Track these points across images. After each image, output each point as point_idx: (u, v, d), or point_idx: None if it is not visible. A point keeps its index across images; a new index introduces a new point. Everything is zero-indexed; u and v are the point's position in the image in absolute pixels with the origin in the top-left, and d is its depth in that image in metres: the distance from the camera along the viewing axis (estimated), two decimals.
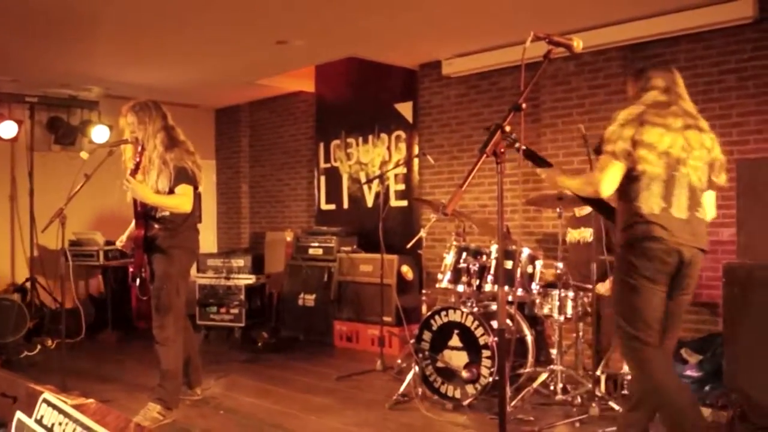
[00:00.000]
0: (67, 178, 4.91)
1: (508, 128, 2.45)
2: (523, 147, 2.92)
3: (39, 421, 2.39)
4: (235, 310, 7.46)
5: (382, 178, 6.99)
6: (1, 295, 7.12)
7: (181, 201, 4.37)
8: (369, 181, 7.66)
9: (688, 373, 4.63)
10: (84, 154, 4.88)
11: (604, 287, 4.87)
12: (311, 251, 7.51)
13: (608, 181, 3.23)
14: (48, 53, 6.60)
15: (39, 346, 6.81)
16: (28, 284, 7.53)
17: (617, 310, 3.37)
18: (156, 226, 4.45)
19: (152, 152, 4.37)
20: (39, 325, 7.13)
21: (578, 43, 2.66)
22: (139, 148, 4.35)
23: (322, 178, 8.40)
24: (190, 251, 4.61)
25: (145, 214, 4.45)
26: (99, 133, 8.12)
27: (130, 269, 4.61)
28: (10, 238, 8.01)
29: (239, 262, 7.63)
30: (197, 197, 4.54)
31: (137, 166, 4.35)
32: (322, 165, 8.38)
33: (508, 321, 4.81)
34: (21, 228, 7.91)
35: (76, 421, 2.27)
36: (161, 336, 4.44)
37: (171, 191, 4.35)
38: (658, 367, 3.25)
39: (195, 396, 4.85)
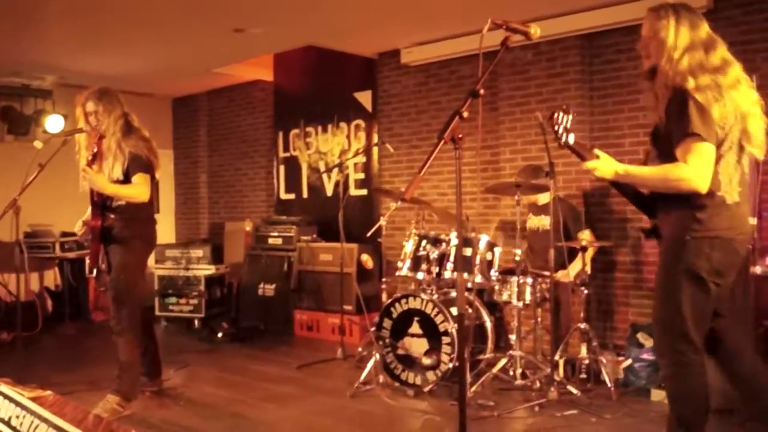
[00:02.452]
0: (20, 168, 4.79)
1: (465, 114, 2.46)
2: (568, 140, 2.88)
3: None
4: (194, 301, 7.40)
5: (341, 167, 6.98)
6: None
7: (138, 190, 4.30)
8: (328, 170, 7.64)
9: (644, 356, 4.72)
10: (38, 144, 4.77)
11: (563, 274, 4.94)
12: (271, 241, 7.47)
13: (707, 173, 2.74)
14: (1, 41, 6.42)
15: None
16: None
17: (672, 311, 2.85)
18: (112, 216, 4.37)
19: (110, 139, 4.30)
20: None
21: (535, 30, 2.68)
22: (98, 137, 4.28)
23: (282, 168, 8.35)
24: (146, 241, 4.55)
25: (101, 204, 4.37)
26: (53, 123, 7.94)
27: (88, 261, 4.52)
28: None
29: (198, 252, 7.56)
30: (154, 186, 4.49)
31: (95, 155, 4.28)
32: (282, 154, 8.33)
33: (468, 307, 4.86)
34: None
35: (33, 413, 2.23)
36: (118, 327, 4.38)
37: (126, 179, 4.28)
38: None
39: (155, 387, 4.79)
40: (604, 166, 2.94)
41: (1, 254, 7.41)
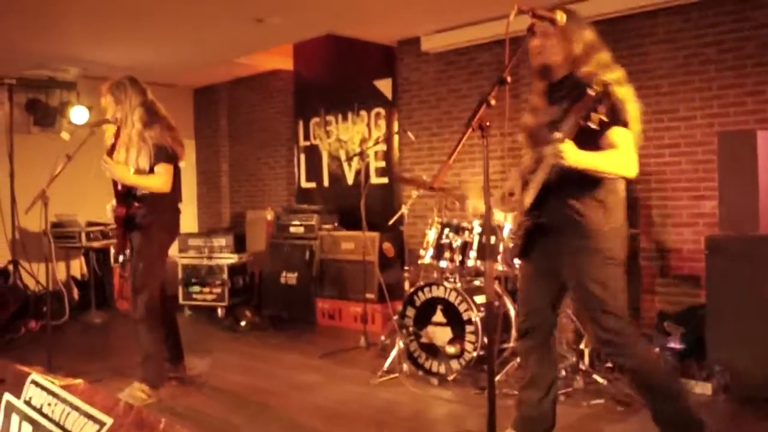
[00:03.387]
0: (47, 159, 4.85)
1: (493, 102, 2.43)
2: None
3: (28, 402, 2.38)
4: (217, 290, 7.44)
5: (362, 155, 6.96)
6: None
7: (160, 181, 4.33)
8: (349, 159, 7.63)
9: (671, 345, 4.68)
10: (65, 135, 4.84)
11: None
12: (292, 229, 7.48)
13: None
14: (24, 34, 6.47)
15: (23, 329, 6.75)
16: (10, 267, 7.44)
17: (613, 299, 3.05)
18: (136, 204, 4.40)
19: (131, 130, 4.32)
20: (22, 307, 7.04)
21: (561, 16, 2.65)
22: (116, 128, 4.30)
23: (302, 156, 8.35)
24: (168, 230, 4.57)
25: (126, 193, 4.40)
26: (78, 114, 8.02)
27: (113, 249, 4.57)
28: None
29: (221, 241, 7.60)
30: (177, 175, 4.50)
31: (113, 146, 4.31)
32: (302, 143, 8.33)
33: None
34: (2, 210, 7.79)
35: (64, 401, 2.25)
36: (136, 314, 4.42)
37: (151, 170, 4.31)
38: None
39: (178, 374, 4.83)
40: (567, 147, 2.84)
41: (29, 244, 7.52)
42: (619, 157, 2.88)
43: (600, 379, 4.47)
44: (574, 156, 2.77)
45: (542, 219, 3.06)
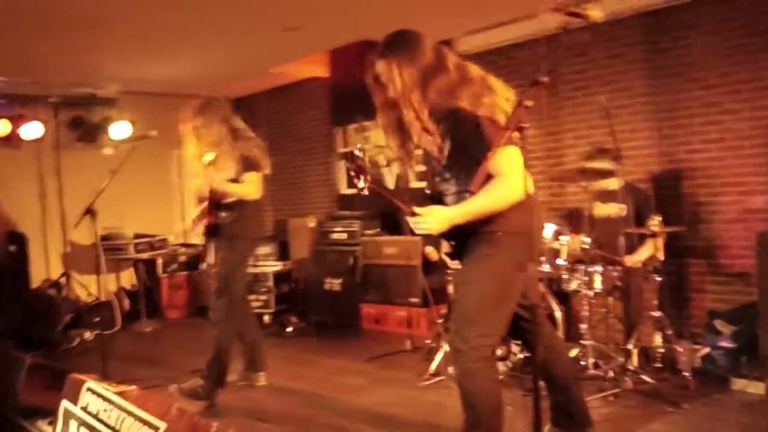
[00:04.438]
0: (92, 174, 4.98)
1: (530, 103, 2.41)
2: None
3: (84, 409, 2.45)
4: (263, 297, 7.52)
5: (403, 159, 6.95)
6: (37, 291, 7.24)
7: (249, 188, 4.55)
8: (389, 164, 7.64)
9: (722, 344, 4.58)
10: (108, 150, 4.98)
11: (631, 260, 4.83)
12: (335, 236, 7.52)
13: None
14: (65, 53, 6.68)
15: (77, 339, 6.92)
16: (63, 279, 7.63)
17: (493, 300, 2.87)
18: (223, 213, 4.58)
19: (220, 147, 4.51)
20: (76, 318, 7.23)
21: (597, 13, 2.59)
22: (211, 158, 4.51)
23: (341, 163, 8.38)
24: (252, 238, 4.74)
25: (215, 202, 4.59)
26: (119, 129, 8.20)
27: (160, 260, 4.73)
28: (42, 235, 8.13)
29: (265, 249, 7.68)
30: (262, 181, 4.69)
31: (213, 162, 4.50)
32: (341, 149, 8.37)
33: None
34: (52, 225, 8.02)
35: (119, 407, 2.31)
36: (216, 317, 4.59)
37: (237, 180, 4.50)
38: None
39: (259, 382, 4.92)
40: (433, 219, 2.74)
41: (80, 257, 7.72)
42: (497, 190, 2.75)
43: (648, 379, 4.39)
44: (439, 224, 2.71)
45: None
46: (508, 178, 2.75)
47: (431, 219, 2.74)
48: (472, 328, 2.82)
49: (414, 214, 2.78)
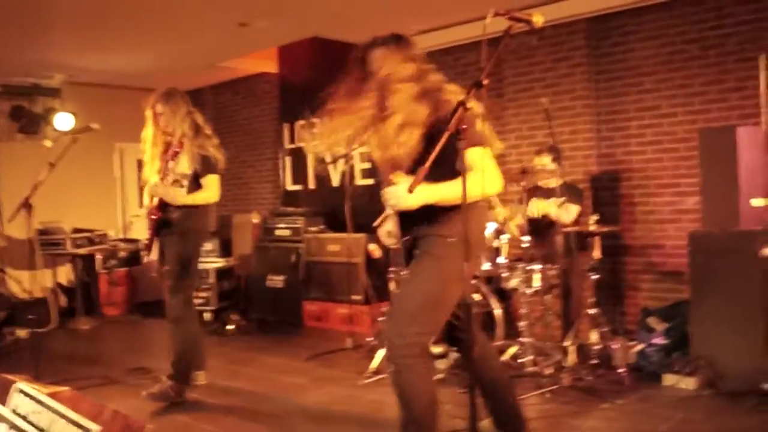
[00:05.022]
0: (32, 166, 4.85)
1: (469, 105, 2.44)
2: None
3: (14, 411, 2.37)
4: (205, 294, 7.41)
5: (347, 157, 6.95)
6: None
7: (210, 193, 4.47)
8: (334, 161, 7.62)
9: (655, 341, 4.72)
10: (48, 143, 4.85)
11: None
12: (278, 232, 7.48)
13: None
14: (7, 42, 6.46)
15: (10, 337, 6.72)
16: None
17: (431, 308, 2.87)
18: (171, 207, 4.45)
19: (180, 139, 4.40)
20: (9, 315, 7.02)
21: (538, 19, 2.63)
22: (168, 144, 4.38)
23: (288, 159, 8.34)
24: (202, 233, 4.64)
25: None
26: (62, 121, 7.99)
27: (98, 255, 4.60)
28: None
29: (208, 245, 7.57)
30: None
31: (167, 162, 4.36)
32: (288, 146, 8.32)
33: (476, 295, 4.85)
34: None
35: (51, 409, 2.25)
36: (172, 315, 4.48)
37: (193, 177, 4.40)
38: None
39: (198, 381, 4.79)
40: (404, 191, 2.64)
41: (15, 252, 7.51)
42: (475, 180, 2.75)
43: (585, 376, 4.49)
44: (412, 198, 2.67)
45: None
46: (480, 172, 2.78)
47: (402, 191, 2.66)
48: (411, 324, 2.83)
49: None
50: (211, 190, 4.48)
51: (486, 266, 4.82)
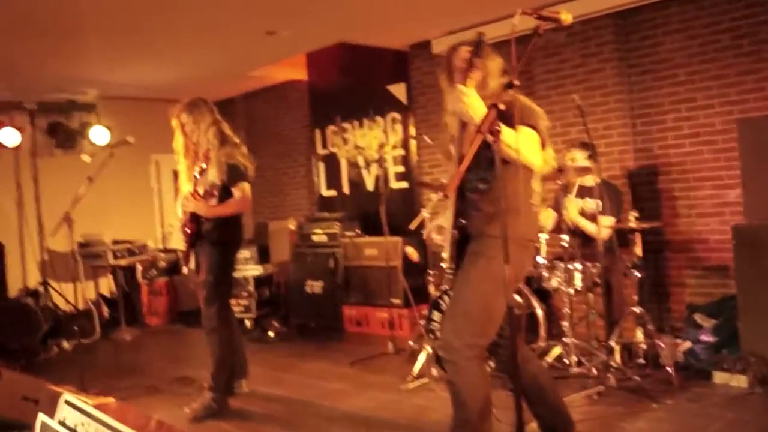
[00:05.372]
0: (71, 181, 4.94)
1: (502, 106, 2.43)
2: None
3: (62, 423, 2.41)
4: (244, 302, 7.47)
5: (380, 161, 6.97)
6: (15, 300, 7.15)
7: (242, 203, 4.50)
8: (368, 165, 7.65)
9: (703, 338, 4.61)
10: (86, 158, 4.93)
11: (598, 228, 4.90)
12: (315, 238, 7.50)
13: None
14: (43, 59, 6.60)
15: (55, 348, 6.85)
16: (40, 288, 7.55)
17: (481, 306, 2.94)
18: (204, 220, 4.50)
19: (205, 149, 4.44)
20: (54, 327, 7.15)
21: (567, 17, 2.60)
22: (201, 156, 4.40)
23: (321, 165, 8.37)
24: (234, 243, 4.67)
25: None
26: (98, 135, 8.15)
27: (139, 266, 4.65)
28: (19, 243, 8.03)
29: (245, 253, 7.63)
30: None
31: (201, 172, 4.39)
32: (320, 151, 8.36)
33: (518, 296, 4.81)
34: (30, 233, 7.93)
35: (98, 420, 2.28)
36: (208, 326, 4.51)
37: (223, 186, 4.42)
38: None
39: (241, 389, 4.85)
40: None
41: (57, 265, 7.65)
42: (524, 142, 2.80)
43: (632, 376, 4.42)
44: (474, 101, 2.71)
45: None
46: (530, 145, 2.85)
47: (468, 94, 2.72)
48: (469, 325, 2.87)
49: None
50: (241, 200, 4.49)
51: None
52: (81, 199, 4.70)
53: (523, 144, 2.75)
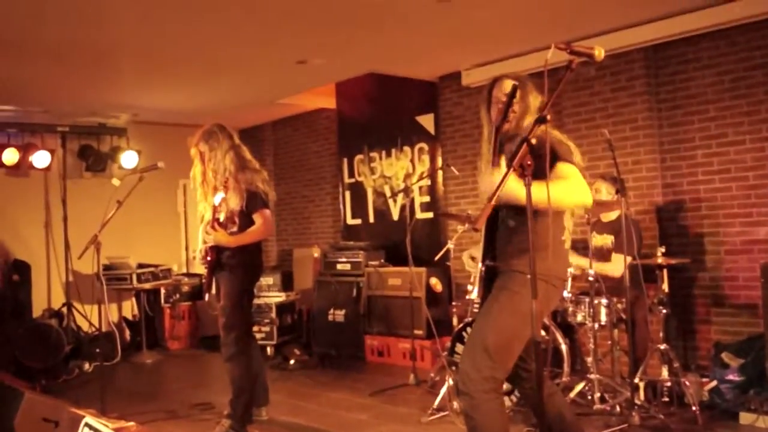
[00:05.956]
0: (99, 204, 5.00)
1: (534, 141, 2.42)
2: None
3: None
4: (266, 328, 7.48)
5: (407, 190, 6.98)
6: (38, 321, 7.22)
7: (261, 229, 4.47)
8: (394, 195, 7.66)
9: (730, 377, 4.52)
10: (116, 182, 4.97)
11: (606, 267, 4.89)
12: (339, 266, 7.51)
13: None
14: (76, 84, 6.76)
15: (77, 370, 6.89)
16: (64, 309, 7.62)
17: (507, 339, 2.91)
18: (224, 248, 4.48)
19: (224, 175, 4.44)
20: (76, 349, 7.21)
21: (600, 52, 2.59)
22: (219, 183, 4.40)
23: (347, 193, 8.40)
24: (253, 270, 4.64)
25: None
26: (128, 159, 8.29)
27: (163, 290, 4.64)
28: (46, 264, 8.15)
29: (269, 280, 7.67)
30: None
31: (214, 210, 4.39)
32: (347, 180, 8.39)
33: (542, 331, 4.76)
34: (56, 254, 8.03)
35: None
36: (228, 353, 4.48)
37: (242, 212, 4.42)
38: None
39: (261, 417, 4.82)
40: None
41: (82, 287, 7.73)
42: (566, 185, 2.85)
43: (657, 414, 4.33)
44: (512, 184, 2.64)
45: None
46: (580, 183, 2.87)
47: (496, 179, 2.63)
48: (486, 358, 2.85)
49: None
50: (262, 226, 4.46)
51: None
52: (109, 221, 4.75)
53: (569, 186, 2.82)
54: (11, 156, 7.74)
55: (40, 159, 7.88)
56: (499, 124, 2.96)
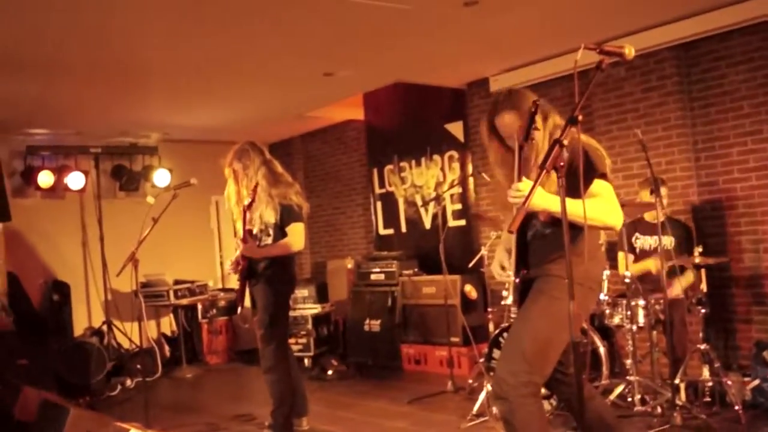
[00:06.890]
0: (134, 222, 5.09)
1: (566, 142, 2.42)
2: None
3: None
4: (303, 340, 7.53)
5: (438, 199, 6.99)
6: (80, 340, 7.35)
7: (295, 241, 4.53)
8: (425, 204, 7.68)
9: None
10: (150, 200, 5.06)
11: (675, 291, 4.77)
12: (373, 277, 7.53)
13: None
14: (107, 105, 6.89)
15: (119, 387, 6.99)
16: (104, 327, 7.75)
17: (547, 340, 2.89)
18: (257, 258, 4.56)
19: (258, 191, 4.49)
20: (117, 366, 7.32)
21: (630, 50, 2.57)
22: (247, 202, 4.44)
23: (379, 204, 8.43)
24: (288, 281, 4.70)
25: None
26: (160, 177, 8.41)
27: (200, 306, 4.70)
28: (84, 283, 8.29)
29: (304, 292, 7.71)
30: None
31: (247, 231, 4.46)
32: (378, 190, 8.42)
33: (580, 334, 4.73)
34: (94, 273, 8.17)
35: None
36: (266, 365, 4.55)
37: (276, 225, 4.49)
38: None
39: (301, 427, 4.86)
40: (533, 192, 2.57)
41: (121, 305, 7.85)
42: (601, 205, 2.83)
43: (698, 414, 4.28)
44: (539, 197, 2.66)
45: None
46: (605, 200, 2.85)
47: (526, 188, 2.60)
48: (524, 363, 2.83)
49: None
50: (294, 239, 4.52)
51: None
52: (145, 239, 4.84)
53: (602, 206, 2.81)
54: (46, 179, 7.90)
55: (75, 180, 8.03)
56: (521, 143, 2.93)
